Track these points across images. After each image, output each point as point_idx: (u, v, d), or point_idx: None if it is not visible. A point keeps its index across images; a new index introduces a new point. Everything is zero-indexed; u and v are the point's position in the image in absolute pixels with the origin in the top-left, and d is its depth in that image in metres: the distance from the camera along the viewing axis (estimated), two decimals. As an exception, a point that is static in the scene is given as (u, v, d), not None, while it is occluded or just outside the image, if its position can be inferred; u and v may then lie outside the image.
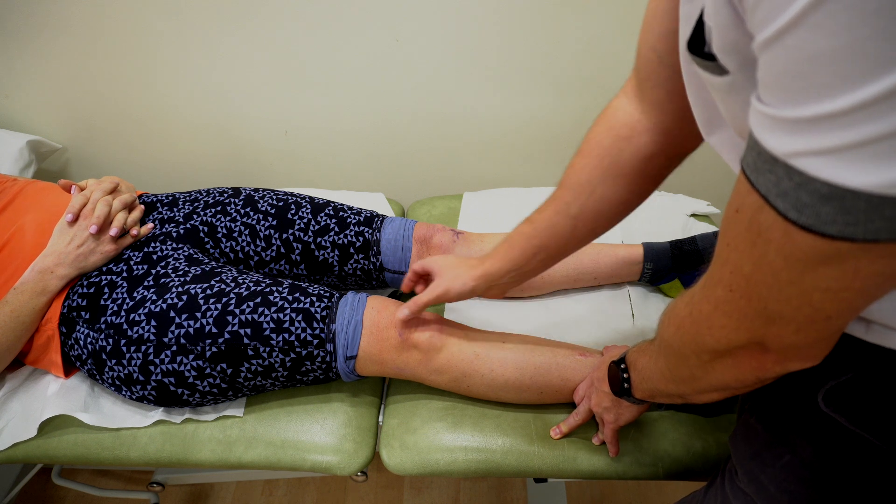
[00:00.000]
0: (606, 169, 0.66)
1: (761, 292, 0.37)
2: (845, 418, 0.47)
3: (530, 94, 1.27)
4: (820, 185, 0.29)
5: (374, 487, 1.41)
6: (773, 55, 0.29)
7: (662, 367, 0.56)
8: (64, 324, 0.85)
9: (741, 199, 0.36)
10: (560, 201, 0.70)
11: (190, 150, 1.40)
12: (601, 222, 0.70)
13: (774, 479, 0.54)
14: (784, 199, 0.32)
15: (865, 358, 0.45)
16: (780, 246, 0.34)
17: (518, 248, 0.73)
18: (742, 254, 0.37)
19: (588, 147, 0.69)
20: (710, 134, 0.51)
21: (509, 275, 0.76)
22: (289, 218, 0.97)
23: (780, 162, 0.31)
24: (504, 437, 0.84)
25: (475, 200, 1.26)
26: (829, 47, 0.26)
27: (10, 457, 0.85)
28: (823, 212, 0.30)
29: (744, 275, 0.38)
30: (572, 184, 0.69)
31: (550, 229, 0.71)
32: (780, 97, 0.30)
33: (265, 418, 0.87)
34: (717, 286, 0.41)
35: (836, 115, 0.27)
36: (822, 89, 0.27)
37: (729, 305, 0.41)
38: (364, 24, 1.16)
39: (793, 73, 0.28)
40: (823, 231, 0.31)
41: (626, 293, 1.03)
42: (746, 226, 0.36)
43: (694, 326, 0.46)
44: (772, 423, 0.55)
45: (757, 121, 0.32)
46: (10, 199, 0.93)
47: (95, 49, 1.21)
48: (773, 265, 0.35)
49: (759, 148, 0.32)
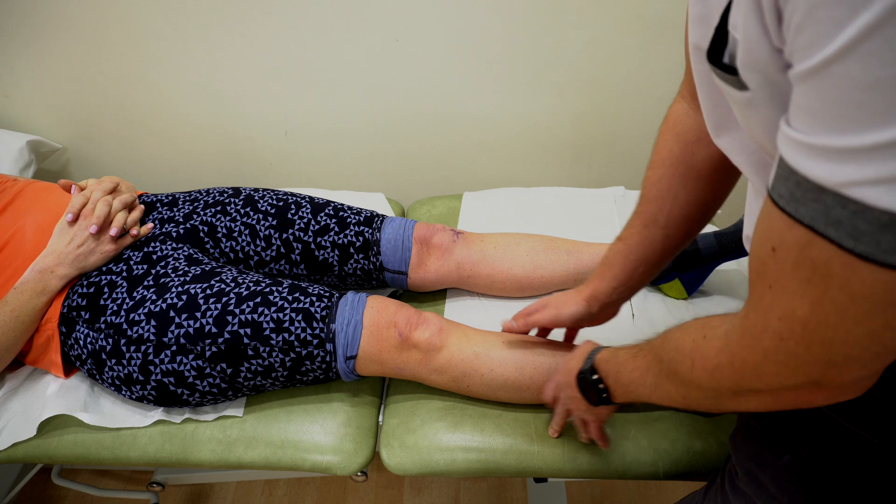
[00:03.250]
0: (684, 175, 0.65)
1: (825, 336, 0.34)
2: (845, 418, 0.47)
3: (530, 95, 1.27)
4: (880, 214, 0.28)
5: (374, 487, 1.41)
6: (821, 83, 0.28)
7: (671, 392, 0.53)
8: (64, 323, 0.85)
9: (779, 236, 0.34)
10: (646, 215, 0.70)
11: (190, 150, 1.40)
12: (692, 226, 0.69)
13: (774, 479, 0.54)
14: (838, 227, 0.30)
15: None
16: (844, 281, 0.31)
17: (618, 266, 0.74)
18: (793, 296, 0.34)
19: (660, 158, 0.67)
20: (718, 135, 0.50)
21: (616, 292, 0.76)
22: (289, 218, 0.97)
23: (828, 191, 0.29)
24: (504, 436, 0.84)
25: (475, 200, 1.25)
26: (886, 75, 0.25)
27: (10, 457, 0.85)
28: (884, 241, 0.28)
29: (798, 320, 0.35)
30: (653, 196, 0.68)
31: (644, 243, 0.71)
32: (828, 125, 0.29)
33: (265, 418, 0.87)
34: (762, 336, 0.38)
35: None
36: (879, 117, 0.26)
37: (782, 355, 0.37)
38: (364, 24, 1.16)
39: (844, 102, 0.27)
40: (885, 260, 0.29)
41: (626, 293, 1.03)
42: (794, 264, 0.33)
43: (737, 374, 0.42)
44: (771, 424, 0.55)
45: (794, 150, 0.31)
46: (11, 199, 0.93)
47: (95, 49, 1.21)
48: (837, 303, 0.32)
49: (799, 178, 0.31)
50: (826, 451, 0.50)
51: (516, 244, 1.00)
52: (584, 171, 1.42)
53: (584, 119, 1.32)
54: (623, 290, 0.76)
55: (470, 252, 0.99)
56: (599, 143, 1.37)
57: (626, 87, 1.26)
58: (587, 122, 1.32)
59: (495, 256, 0.99)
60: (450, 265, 0.99)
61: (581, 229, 1.11)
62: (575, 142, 1.36)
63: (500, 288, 1.01)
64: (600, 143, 1.36)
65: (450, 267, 0.99)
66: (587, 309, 0.78)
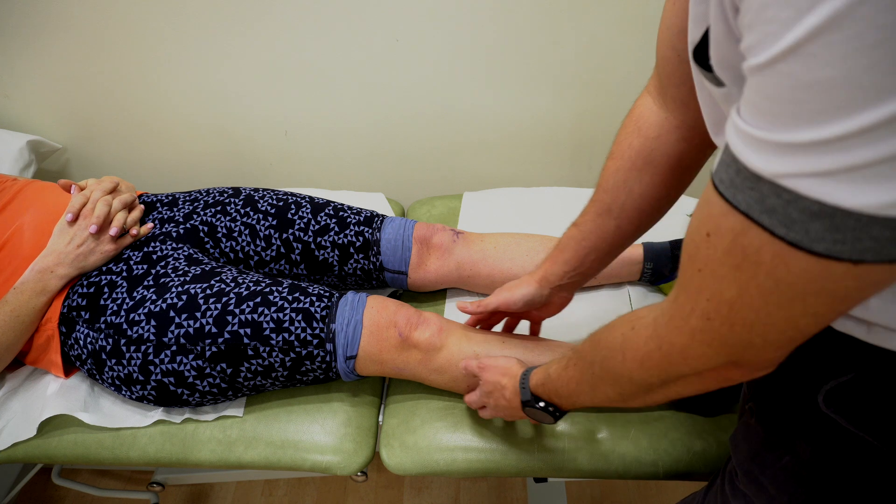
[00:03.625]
0: (641, 169, 0.67)
1: (747, 317, 0.36)
2: (845, 419, 0.47)
3: (530, 94, 1.27)
4: (810, 204, 0.29)
5: (374, 487, 1.41)
6: (765, 79, 0.29)
7: (608, 392, 0.55)
8: (64, 323, 0.85)
9: (714, 223, 0.35)
10: (600, 204, 0.71)
11: (190, 150, 1.40)
12: (644, 219, 0.71)
13: (774, 480, 0.54)
14: (771, 215, 0.31)
15: (866, 359, 0.45)
16: (772, 268, 0.33)
17: (570, 251, 0.76)
18: (722, 279, 0.36)
19: (619, 150, 0.69)
20: (717, 134, 0.51)
21: (567, 276, 0.78)
22: (289, 218, 0.97)
23: (765, 180, 0.31)
24: (504, 436, 0.84)
25: (475, 200, 1.25)
26: (826, 76, 0.26)
27: (10, 457, 0.85)
28: (813, 229, 0.30)
29: (726, 301, 0.37)
30: (609, 187, 0.70)
31: (596, 231, 0.73)
32: (770, 120, 0.30)
33: (265, 418, 0.87)
34: (690, 316, 0.40)
35: (831, 141, 0.27)
36: (817, 115, 0.28)
37: (707, 335, 0.40)
38: (364, 24, 1.16)
39: (786, 99, 0.29)
40: (811, 248, 0.30)
41: (625, 293, 1.03)
42: (727, 249, 0.35)
43: (664, 359, 0.45)
44: (772, 424, 0.55)
45: (739, 139, 0.32)
46: (10, 198, 0.93)
47: (96, 49, 1.21)
48: (763, 288, 0.34)
49: (739, 165, 0.32)
50: (826, 453, 0.50)
51: (516, 244, 1.00)
52: (584, 171, 1.42)
53: (583, 119, 1.32)
54: (574, 275, 0.77)
55: (470, 252, 0.99)
56: (599, 143, 1.37)
57: (626, 87, 1.26)
58: (587, 121, 1.32)
59: (495, 256, 0.99)
60: (450, 265, 0.99)
61: (581, 229, 1.11)
62: (575, 142, 1.36)
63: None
64: (600, 143, 1.36)
65: (450, 267, 0.99)
66: (538, 290, 0.79)
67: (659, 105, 0.65)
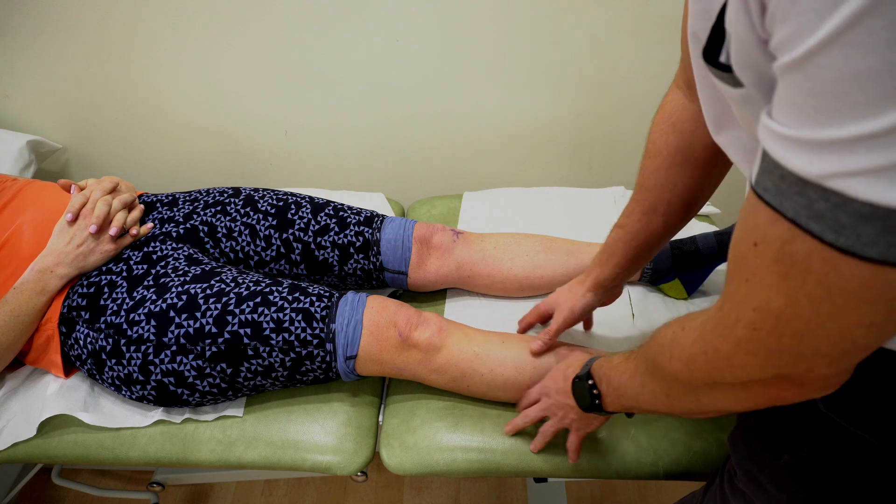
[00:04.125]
0: (682, 165, 0.67)
1: (796, 328, 0.35)
2: (844, 419, 0.47)
3: (530, 94, 1.27)
4: (860, 206, 0.28)
5: (374, 487, 1.41)
6: (803, 75, 0.28)
7: (656, 390, 0.54)
8: (64, 323, 0.85)
9: (761, 231, 0.34)
10: (645, 203, 0.72)
11: (190, 150, 1.40)
12: (691, 211, 0.72)
13: (773, 479, 0.54)
14: (820, 221, 0.30)
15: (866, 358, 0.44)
16: (822, 276, 0.31)
17: (620, 254, 0.77)
18: (770, 288, 0.35)
19: (656, 147, 0.69)
20: (718, 132, 0.51)
21: (619, 277, 0.80)
22: (289, 218, 0.97)
23: (811, 184, 0.29)
24: (504, 437, 0.84)
25: (475, 200, 1.25)
26: (870, 65, 0.25)
27: (10, 457, 0.85)
28: (864, 233, 0.28)
29: (772, 311, 0.35)
30: (651, 185, 0.70)
31: (644, 230, 0.73)
32: (811, 117, 0.28)
33: (265, 418, 0.87)
34: (736, 325, 0.39)
35: (879, 135, 0.26)
36: (862, 108, 0.26)
37: (753, 344, 0.38)
38: (364, 24, 1.16)
39: (827, 93, 0.27)
40: (864, 254, 0.29)
41: (626, 293, 1.03)
42: (774, 258, 0.33)
43: (709, 364, 0.43)
44: (771, 424, 0.55)
45: (777, 143, 0.31)
46: (10, 198, 0.93)
47: (96, 49, 1.21)
48: (813, 297, 0.32)
49: (783, 171, 0.31)
50: (825, 452, 0.50)
51: (516, 244, 1.00)
52: (584, 171, 1.42)
53: (583, 119, 1.32)
54: (625, 274, 0.79)
55: (470, 252, 0.99)
56: (599, 143, 1.37)
57: (626, 87, 1.26)
58: (587, 121, 1.32)
59: (495, 256, 0.99)
60: (450, 265, 0.99)
61: (581, 229, 1.11)
62: (575, 142, 1.36)
63: (500, 288, 1.01)
64: (600, 143, 1.36)
65: (450, 267, 0.99)
66: (595, 298, 0.83)
67: (689, 98, 0.64)
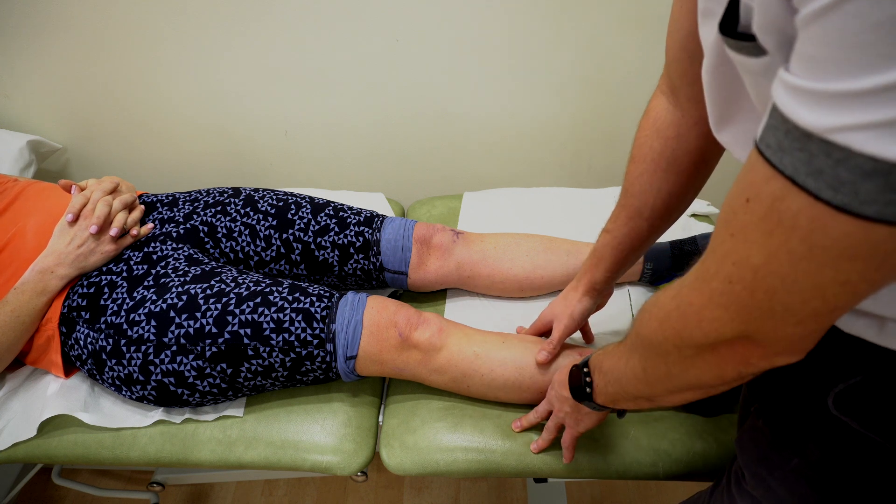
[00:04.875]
0: (666, 170, 0.68)
1: (771, 284, 0.35)
2: (856, 421, 0.47)
3: (530, 95, 1.27)
4: (864, 161, 0.28)
5: (374, 487, 1.41)
6: (827, 24, 0.28)
7: (635, 366, 0.54)
8: (64, 324, 0.85)
9: (755, 188, 0.34)
10: (630, 208, 0.73)
11: (190, 150, 1.40)
12: (674, 214, 0.73)
13: (783, 482, 0.54)
14: (817, 177, 0.30)
15: (875, 360, 0.44)
16: (807, 233, 0.32)
17: (609, 258, 0.79)
18: (752, 244, 0.35)
19: (640, 153, 0.70)
20: (721, 130, 0.50)
21: (610, 280, 0.82)
22: (289, 218, 0.97)
23: (815, 138, 0.29)
24: (504, 437, 0.84)
25: (475, 200, 1.25)
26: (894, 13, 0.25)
27: (10, 457, 0.85)
28: (863, 189, 0.28)
29: (751, 266, 0.36)
30: (636, 191, 0.72)
31: (630, 234, 0.75)
32: (828, 69, 0.28)
33: (265, 418, 0.87)
34: (713, 279, 0.39)
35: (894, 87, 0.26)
36: (883, 59, 0.26)
37: (726, 297, 0.39)
38: (364, 24, 1.16)
39: (849, 44, 0.27)
40: (860, 211, 0.29)
41: (626, 293, 1.03)
42: (763, 215, 0.34)
43: (681, 320, 0.44)
44: (780, 426, 0.54)
45: (789, 95, 0.31)
46: (12, 199, 0.93)
47: (96, 49, 1.21)
48: (794, 254, 0.33)
49: (789, 125, 0.31)
50: (836, 455, 0.50)
51: (516, 244, 1.00)
52: (583, 171, 1.42)
53: (583, 119, 1.32)
54: (615, 276, 0.81)
55: (470, 252, 0.99)
56: (599, 144, 1.37)
57: (626, 87, 1.26)
58: (587, 122, 1.32)
59: (495, 257, 0.99)
60: (450, 265, 0.99)
61: (581, 229, 1.11)
62: (575, 142, 1.36)
63: (500, 288, 1.01)
64: (600, 143, 1.36)
65: (450, 267, 0.99)
66: (592, 302, 0.84)
67: (673, 104, 0.65)
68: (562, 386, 0.72)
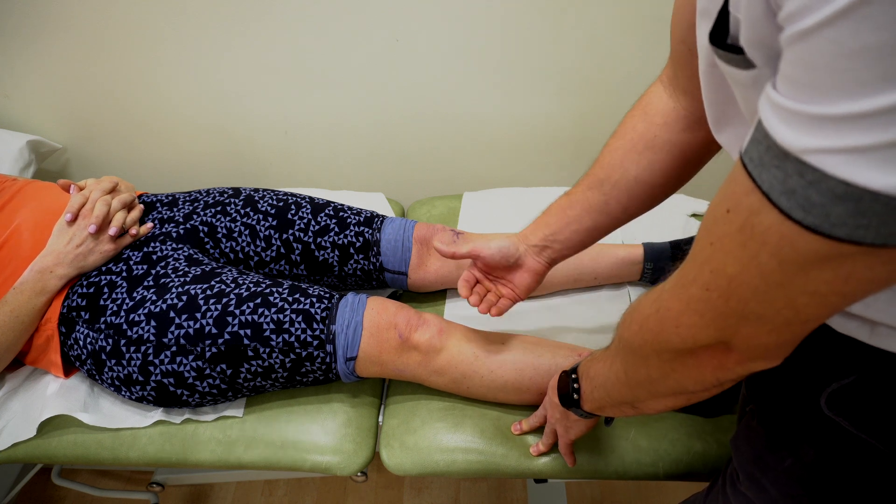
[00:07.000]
0: (640, 152, 0.67)
1: (744, 294, 0.36)
2: (848, 422, 0.47)
3: (530, 95, 1.27)
4: (835, 185, 0.28)
5: (374, 488, 1.41)
6: (808, 47, 0.28)
7: (618, 371, 0.54)
8: (63, 324, 0.85)
9: (735, 200, 0.34)
10: (593, 177, 0.72)
11: (190, 150, 1.40)
12: (633, 203, 0.71)
13: (776, 482, 0.54)
14: (790, 197, 0.30)
15: (869, 361, 0.44)
16: (777, 249, 0.32)
17: (553, 216, 0.76)
18: (728, 254, 0.36)
19: (623, 130, 0.70)
20: (720, 131, 0.50)
21: (546, 239, 0.76)
22: (289, 218, 0.97)
23: (791, 157, 0.29)
24: (504, 437, 0.84)
25: (475, 200, 1.25)
26: (875, 43, 0.25)
27: (10, 457, 0.85)
28: (834, 213, 0.29)
29: (726, 275, 0.37)
30: (605, 163, 0.71)
31: (583, 202, 0.73)
32: (807, 92, 0.28)
33: (265, 419, 0.87)
34: (692, 285, 0.40)
35: (871, 114, 0.26)
36: (859, 86, 0.26)
37: (703, 304, 0.40)
38: (364, 23, 1.16)
39: (829, 68, 0.27)
40: (831, 233, 0.29)
41: (626, 293, 1.03)
42: (739, 227, 0.34)
43: (659, 324, 0.44)
44: (774, 427, 0.54)
45: (771, 112, 0.31)
46: (9, 198, 0.93)
47: (96, 49, 1.21)
48: (765, 268, 0.34)
49: (770, 141, 0.31)
50: (829, 456, 0.50)
51: (516, 244, 1.00)
52: (583, 171, 1.40)
53: (583, 119, 1.32)
54: (552, 240, 0.76)
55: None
56: (599, 144, 1.35)
57: (626, 87, 1.25)
58: (587, 122, 1.32)
59: (495, 257, 0.99)
60: (450, 265, 0.99)
61: (581, 229, 1.11)
62: (575, 142, 1.36)
63: (500, 288, 1.01)
64: (600, 143, 1.35)
65: (450, 267, 0.99)
66: (514, 244, 0.77)
67: (669, 94, 0.65)
68: (553, 391, 0.72)
